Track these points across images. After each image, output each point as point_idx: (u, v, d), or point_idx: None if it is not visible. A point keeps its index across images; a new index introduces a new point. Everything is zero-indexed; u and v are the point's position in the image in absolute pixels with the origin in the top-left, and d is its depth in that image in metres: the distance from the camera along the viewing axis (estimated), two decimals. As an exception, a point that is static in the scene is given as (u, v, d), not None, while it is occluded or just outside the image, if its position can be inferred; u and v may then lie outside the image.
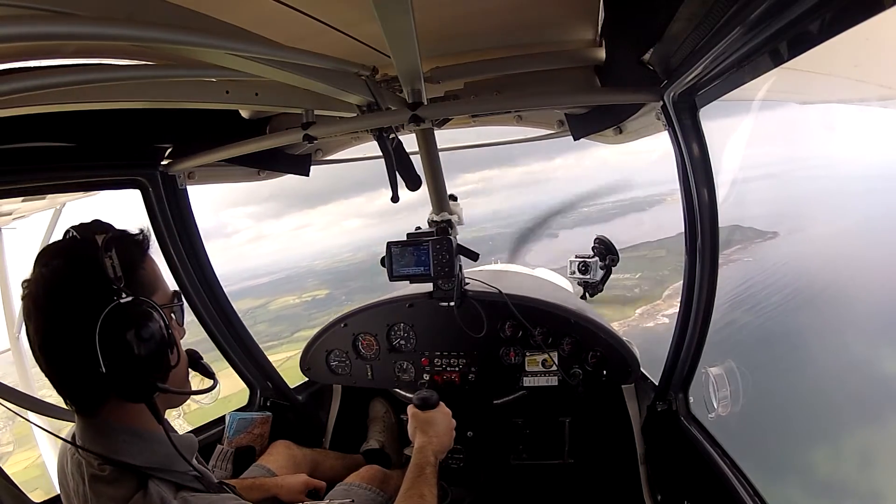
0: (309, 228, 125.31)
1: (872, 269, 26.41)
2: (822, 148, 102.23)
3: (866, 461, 14.87)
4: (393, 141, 1.64)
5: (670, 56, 1.27)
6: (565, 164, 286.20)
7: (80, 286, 0.94)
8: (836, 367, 18.16)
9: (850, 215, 42.80)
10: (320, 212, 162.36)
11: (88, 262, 0.95)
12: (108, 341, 0.90)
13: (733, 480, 1.59)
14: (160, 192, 2.00)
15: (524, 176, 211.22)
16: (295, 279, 27.01)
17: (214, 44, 0.84)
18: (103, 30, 0.68)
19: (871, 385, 16.90)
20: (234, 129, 1.88)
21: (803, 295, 24.46)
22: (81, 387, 0.97)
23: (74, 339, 0.91)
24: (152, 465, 0.99)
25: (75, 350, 0.92)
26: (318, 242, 70.79)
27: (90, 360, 0.89)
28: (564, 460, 2.54)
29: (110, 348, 0.91)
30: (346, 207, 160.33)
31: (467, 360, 2.37)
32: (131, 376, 0.95)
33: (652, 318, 26.30)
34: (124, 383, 0.95)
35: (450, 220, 2.19)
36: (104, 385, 0.95)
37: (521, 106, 1.83)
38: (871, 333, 20.52)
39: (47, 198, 2.46)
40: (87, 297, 0.92)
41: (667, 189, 44.11)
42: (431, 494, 1.48)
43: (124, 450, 0.98)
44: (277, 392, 2.49)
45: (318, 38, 1.27)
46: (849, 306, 23.23)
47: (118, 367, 0.92)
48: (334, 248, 45.66)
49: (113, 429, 0.99)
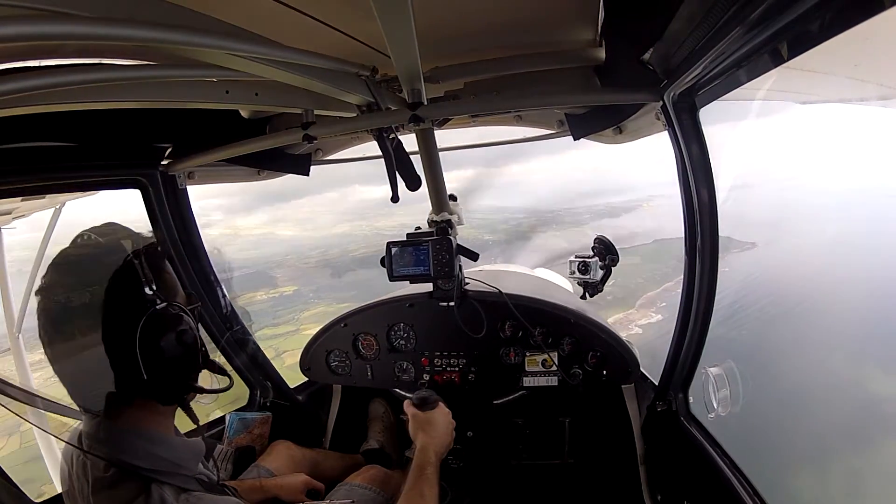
0: (282, 224, 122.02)
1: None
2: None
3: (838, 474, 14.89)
4: (393, 141, 1.64)
5: (670, 56, 1.26)
6: (542, 167, 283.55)
7: (119, 295, 0.96)
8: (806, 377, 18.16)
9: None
10: (293, 206, 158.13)
11: (123, 270, 0.96)
12: (148, 347, 0.93)
13: (733, 480, 1.59)
14: (160, 191, 2.00)
15: (503, 178, 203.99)
16: (263, 275, 26.85)
17: (214, 44, 0.84)
18: (103, 30, 0.67)
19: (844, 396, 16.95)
20: (234, 129, 1.88)
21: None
22: (116, 391, 0.99)
23: (115, 345, 0.93)
24: (160, 468, 1.00)
25: (115, 356, 0.94)
26: (291, 239, 70.65)
27: (128, 365, 0.92)
28: (564, 460, 2.54)
29: (150, 353, 0.93)
30: (319, 203, 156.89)
31: (467, 360, 2.37)
32: (170, 379, 0.99)
33: (625, 328, 26.09)
34: (162, 386, 0.98)
35: (450, 220, 2.19)
36: (138, 388, 0.97)
37: (521, 106, 1.83)
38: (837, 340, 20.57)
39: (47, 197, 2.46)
40: (126, 305, 0.95)
41: (644, 195, 43.91)
42: (432, 494, 1.48)
43: (134, 452, 0.99)
44: (277, 392, 2.49)
45: (318, 38, 1.27)
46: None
47: (158, 371, 0.95)
48: (307, 245, 45.49)
49: (130, 431, 1.00)
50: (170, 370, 0.98)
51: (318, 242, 25.89)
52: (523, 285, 2.71)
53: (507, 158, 20.47)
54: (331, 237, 25.30)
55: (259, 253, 25.63)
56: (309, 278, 26.13)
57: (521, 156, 12.52)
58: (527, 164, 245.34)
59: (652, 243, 36.02)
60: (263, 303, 25.24)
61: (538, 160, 55.22)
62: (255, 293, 23.29)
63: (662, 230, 35.57)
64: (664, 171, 1.62)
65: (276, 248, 25.75)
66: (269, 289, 24.13)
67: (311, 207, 40.64)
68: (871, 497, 13.90)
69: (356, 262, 29.76)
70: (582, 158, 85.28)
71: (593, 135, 2.01)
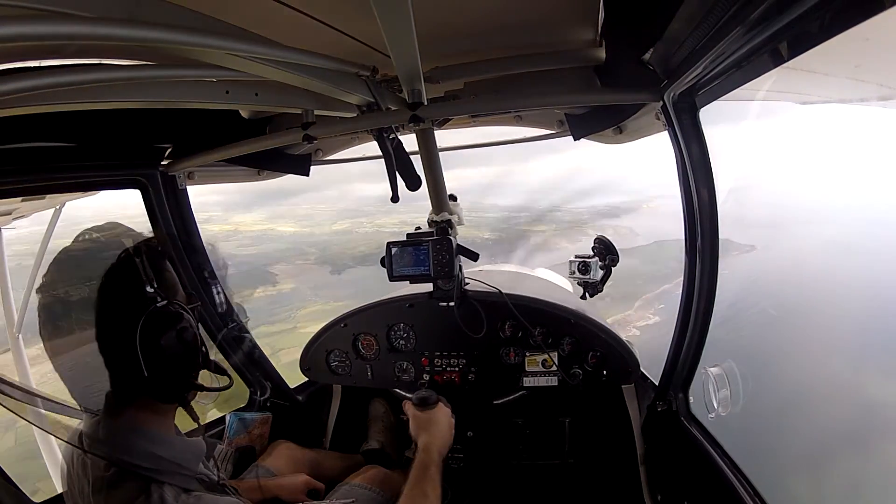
0: (281, 220, 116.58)
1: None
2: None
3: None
4: (393, 141, 1.64)
5: (670, 56, 1.26)
6: (539, 167, 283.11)
7: (119, 292, 0.96)
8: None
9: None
10: (293, 203, 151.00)
11: (124, 267, 0.97)
12: (148, 345, 0.93)
13: (733, 481, 1.59)
14: (160, 192, 2.00)
15: (497, 178, 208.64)
16: (262, 271, 26.63)
17: (214, 44, 0.84)
18: (103, 30, 0.67)
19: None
20: (234, 129, 1.88)
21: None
22: (117, 389, 0.99)
23: (115, 344, 0.94)
24: (161, 467, 1.00)
25: (115, 354, 0.95)
26: (290, 236, 69.25)
27: (129, 363, 0.92)
28: (564, 460, 2.54)
29: (151, 351, 0.93)
30: (319, 201, 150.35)
31: (467, 360, 2.37)
32: (171, 377, 0.99)
33: (623, 329, 25.76)
34: (163, 384, 0.99)
35: (450, 220, 2.19)
36: (139, 387, 0.98)
37: (521, 106, 1.83)
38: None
39: (47, 197, 2.46)
40: (126, 303, 0.95)
41: (644, 196, 43.38)
42: (435, 493, 1.49)
43: (135, 452, 0.99)
44: (277, 392, 2.49)
45: (318, 38, 1.27)
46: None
47: (159, 369, 0.95)
48: (306, 242, 45.15)
49: (131, 430, 1.01)
50: (171, 368, 0.98)
51: (318, 239, 25.75)
52: (523, 285, 2.71)
53: (512, 157, 19.91)
54: (331, 234, 25.28)
55: (258, 250, 25.45)
56: (308, 276, 26.02)
57: (527, 154, 12.18)
58: (525, 164, 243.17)
59: (651, 244, 35.91)
60: (259, 300, 25.10)
61: (541, 159, 53.50)
62: (253, 290, 23.20)
63: (663, 230, 35.45)
64: (667, 171, 1.61)
65: (275, 245, 25.64)
66: (266, 286, 24.05)
67: (312, 205, 40.61)
68: (871, 497, 13.90)
69: (356, 259, 29.49)
70: (585, 157, 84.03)
71: (593, 135, 2.01)
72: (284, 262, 25.04)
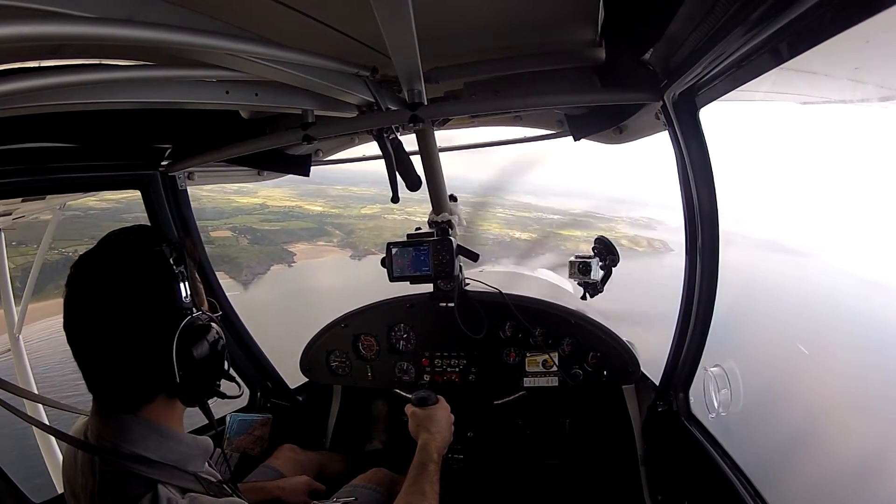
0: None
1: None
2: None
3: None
4: (393, 141, 1.64)
5: (670, 56, 1.26)
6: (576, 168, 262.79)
7: (153, 297, 0.98)
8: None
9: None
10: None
11: (160, 273, 0.99)
12: (183, 351, 0.98)
13: (734, 481, 1.59)
14: (160, 192, 2.00)
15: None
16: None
17: (214, 44, 0.84)
18: (103, 30, 0.67)
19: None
20: (234, 129, 1.88)
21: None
22: (138, 386, 1.01)
23: (146, 346, 0.97)
24: (168, 461, 1.02)
25: (145, 356, 0.97)
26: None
27: (160, 366, 0.96)
28: (565, 461, 2.54)
29: (184, 357, 0.98)
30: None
31: (467, 360, 2.37)
32: (199, 382, 1.04)
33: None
34: (190, 388, 1.02)
35: (450, 220, 2.19)
36: (164, 388, 1.01)
37: (521, 106, 1.83)
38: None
39: (47, 198, 2.46)
40: (162, 308, 0.98)
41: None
42: (433, 491, 1.49)
43: (145, 446, 1.00)
44: (278, 392, 2.49)
45: (318, 38, 1.27)
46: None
47: (190, 375, 1.00)
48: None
49: (144, 425, 1.02)
50: (201, 374, 1.02)
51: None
52: (523, 286, 2.71)
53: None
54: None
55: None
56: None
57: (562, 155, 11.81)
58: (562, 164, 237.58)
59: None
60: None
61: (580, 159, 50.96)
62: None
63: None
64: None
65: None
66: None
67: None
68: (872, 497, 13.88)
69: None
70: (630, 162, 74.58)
71: (593, 135, 2.01)
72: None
